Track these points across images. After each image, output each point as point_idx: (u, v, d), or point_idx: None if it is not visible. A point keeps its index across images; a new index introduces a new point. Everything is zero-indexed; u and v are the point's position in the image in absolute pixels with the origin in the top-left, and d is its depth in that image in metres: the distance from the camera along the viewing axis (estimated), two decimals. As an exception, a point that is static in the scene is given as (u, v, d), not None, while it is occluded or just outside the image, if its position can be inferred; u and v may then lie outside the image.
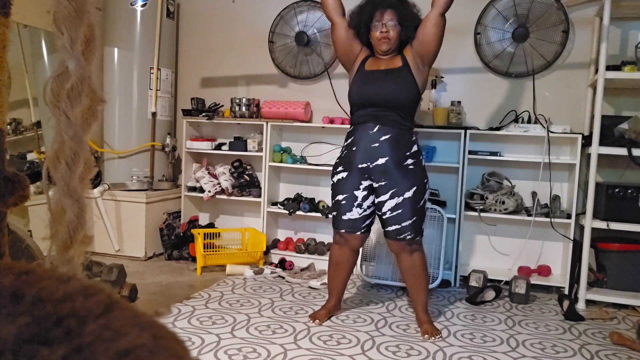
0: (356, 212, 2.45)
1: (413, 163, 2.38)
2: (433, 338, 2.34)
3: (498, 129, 3.19)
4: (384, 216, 2.40)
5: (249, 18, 3.88)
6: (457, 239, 3.21)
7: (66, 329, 0.31)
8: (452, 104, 3.30)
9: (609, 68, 2.79)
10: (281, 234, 3.81)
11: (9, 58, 0.54)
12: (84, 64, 0.48)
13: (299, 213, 3.48)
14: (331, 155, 3.61)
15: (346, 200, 2.46)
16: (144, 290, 2.82)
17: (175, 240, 3.67)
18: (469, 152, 3.17)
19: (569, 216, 3.06)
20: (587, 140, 2.96)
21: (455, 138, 3.28)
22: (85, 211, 0.49)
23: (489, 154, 3.18)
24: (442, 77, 3.42)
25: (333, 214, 2.54)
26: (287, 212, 3.48)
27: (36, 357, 0.30)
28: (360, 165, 2.41)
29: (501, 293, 2.99)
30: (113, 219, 3.59)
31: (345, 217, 2.47)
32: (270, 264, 3.50)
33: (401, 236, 2.38)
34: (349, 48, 2.49)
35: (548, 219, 3.08)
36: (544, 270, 3.20)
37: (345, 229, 2.49)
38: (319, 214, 3.44)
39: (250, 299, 2.82)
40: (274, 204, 3.64)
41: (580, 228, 3.04)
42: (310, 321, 2.50)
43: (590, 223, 2.85)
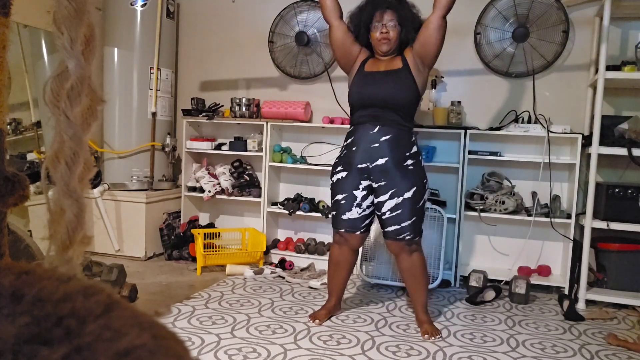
0: (355, 212, 2.45)
1: (413, 163, 2.38)
2: (433, 338, 2.34)
3: (498, 129, 3.19)
4: (384, 216, 2.40)
5: (249, 18, 3.88)
6: (457, 239, 3.21)
7: (66, 329, 0.31)
8: (452, 104, 3.30)
9: (609, 68, 2.79)
10: (281, 234, 3.81)
11: (9, 58, 0.54)
12: (83, 64, 0.48)
13: (299, 213, 3.49)
14: (331, 155, 3.61)
15: (345, 200, 2.46)
16: (144, 290, 2.81)
17: (175, 240, 3.67)
18: (469, 152, 3.17)
19: (569, 216, 3.06)
20: (587, 140, 2.96)
21: (455, 138, 3.28)
22: (85, 211, 0.49)
23: (489, 154, 3.18)
24: (442, 77, 3.42)
25: (332, 213, 2.54)
26: (287, 212, 3.48)
27: (36, 357, 0.30)
28: (360, 165, 2.41)
29: (501, 293, 2.99)
30: (113, 219, 3.59)
31: (344, 217, 2.47)
32: (270, 264, 3.50)
33: (400, 236, 2.38)
34: (348, 50, 2.48)
35: (548, 219, 3.08)
36: (544, 270, 3.20)
37: (344, 229, 2.49)
38: (319, 214, 3.44)
39: (250, 299, 2.82)
40: (274, 204, 3.64)
41: (580, 228, 3.04)
42: (310, 321, 2.50)
43: (590, 223, 2.85)
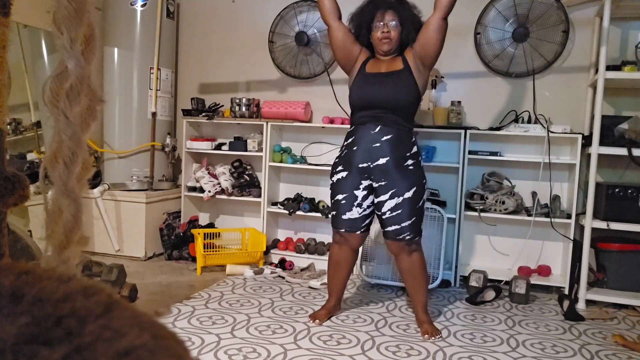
0: (356, 212, 2.45)
1: (413, 164, 2.38)
2: (433, 338, 2.34)
3: (498, 129, 3.19)
4: (384, 216, 2.40)
5: (249, 18, 3.88)
6: (457, 239, 3.21)
7: (66, 329, 0.31)
8: (452, 104, 3.30)
9: (609, 68, 2.79)
10: (281, 234, 3.81)
11: (9, 58, 0.54)
12: (83, 63, 0.48)
13: (299, 213, 3.48)
14: (331, 155, 3.61)
15: (346, 200, 2.46)
16: (144, 290, 2.81)
17: (175, 240, 3.67)
18: (469, 152, 3.17)
19: (569, 216, 3.06)
20: (587, 140, 2.96)
21: (455, 138, 3.27)
22: (82, 212, 0.49)
23: (489, 154, 3.18)
24: (442, 77, 3.42)
25: (332, 213, 2.54)
26: (287, 212, 3.48)
27: (36, 357, 0.30)
28: (361, 165, 2.41)
29: (501, 293, 2.99)
30: (113, 219, 3.59)
31: (344, 217, 2.47)
32: (270, 264, 3.49)
33: (400, 236, 2.38)
34: (348, 51, 2.48)
35: (548, 219, 3.08)
36: (544, 270, 3.20)
37: (344, 229, 2.49)
38: (319, 214, 3.44)
39: (250, 299, 2.82)
40: (274, 204, 3.64)
41: (580, 228, 3.04)
42: (310, 321, 2.50)
43: (590, 223, 2.85)
